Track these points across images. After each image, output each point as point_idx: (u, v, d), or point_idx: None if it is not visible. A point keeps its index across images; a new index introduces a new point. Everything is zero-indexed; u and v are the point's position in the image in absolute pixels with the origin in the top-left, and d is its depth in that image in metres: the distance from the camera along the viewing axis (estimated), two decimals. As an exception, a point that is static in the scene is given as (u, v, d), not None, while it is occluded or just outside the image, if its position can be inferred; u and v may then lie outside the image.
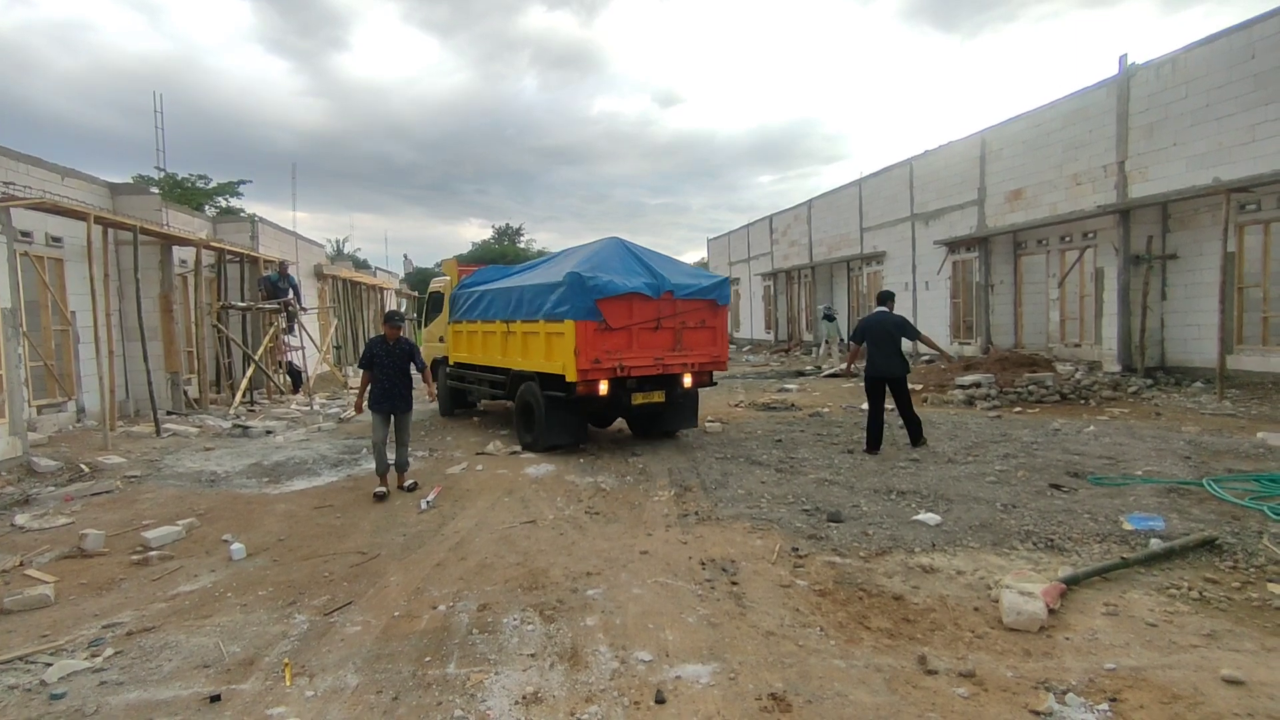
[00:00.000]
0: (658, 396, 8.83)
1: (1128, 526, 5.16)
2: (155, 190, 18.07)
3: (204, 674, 3.55)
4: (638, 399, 8.72)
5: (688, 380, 8.98)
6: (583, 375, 8.07)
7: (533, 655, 3.61)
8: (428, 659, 3.61)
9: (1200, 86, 12.49)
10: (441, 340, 12.03)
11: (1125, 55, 13.94)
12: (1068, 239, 15.91)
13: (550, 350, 8.50)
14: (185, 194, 28.52)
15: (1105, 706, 2.97)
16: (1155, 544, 4.72)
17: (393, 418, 7.16)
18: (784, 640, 3.71)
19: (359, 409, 7.36)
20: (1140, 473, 6.77)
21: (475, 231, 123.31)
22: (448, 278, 12.12)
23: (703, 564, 4.89)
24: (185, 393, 12.53)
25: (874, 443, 8.37)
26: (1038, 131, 16.31)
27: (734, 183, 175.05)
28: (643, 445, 9.29)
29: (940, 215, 20.12)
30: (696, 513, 6.13)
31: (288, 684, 3.41)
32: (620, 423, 10.64)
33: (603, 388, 8.24)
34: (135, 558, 5.43)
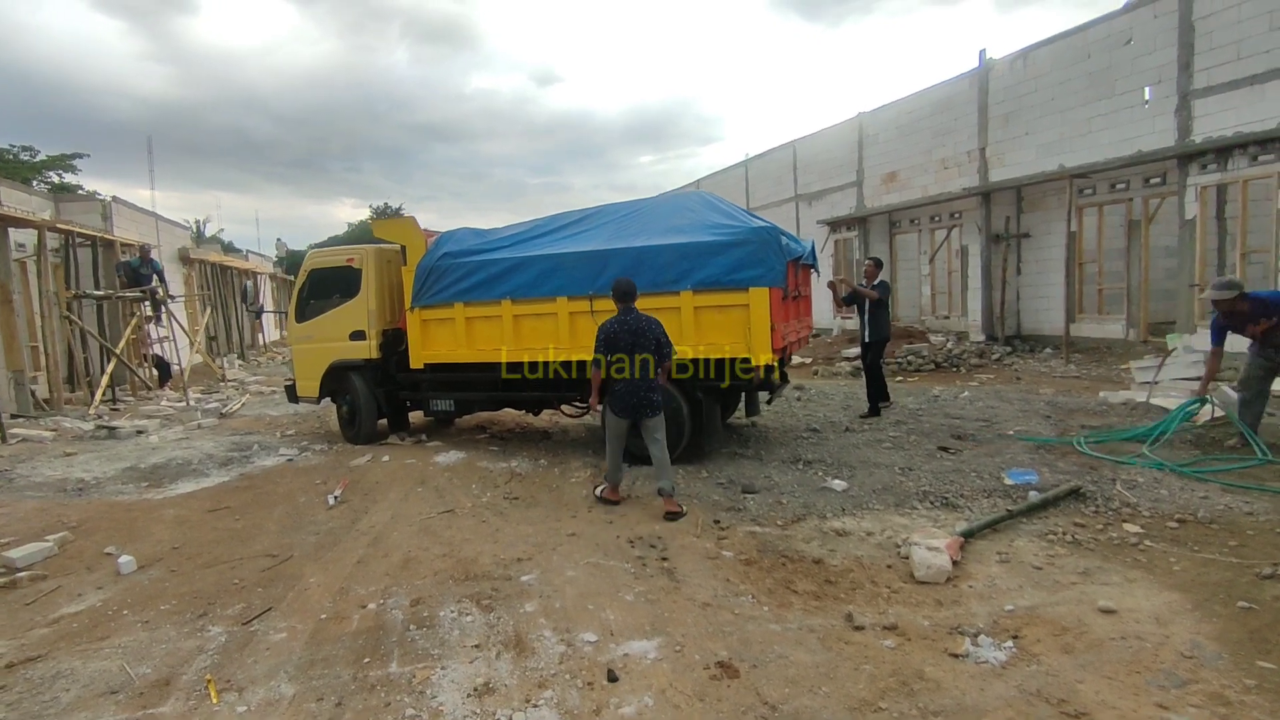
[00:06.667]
0: (776, 377, 7.74)
1: (1008, 482, 5.75)
2: (-25, 164, 15.88)
3: (112, 700, 3.27)
4: (774, 380, 7.57)
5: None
6: (776, 356, 6.66)
7: (477, 646, 3.58)
8: (367, 660, 3.50)
9: (1047, 82, 13.79)
10: (357, 337, 8.58)
11: (984, 50, 15.14)
12: (937, 219, 17.17)
13: (704, 329, 6.71)
14: (7, 167, 25.21)
15: (1010, 644, 3.34)
16: (1033, 496, 5.29)
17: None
18: (720, 610, 3.88)
19: None
20: (1013, 432, 7.52)
21: (350, 212, 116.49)
22: (388, 245, 8.58)
23: (631, 542, 4.99)
24: (33, 393, 11.18)
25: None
26: (910, 118, 17.43)
27: (615, 162, 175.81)
28: (552, 427, 9.27)
29: (822, 196, 21.14)
30: (616, 504, 6.19)
31: (214, 701, 3.20)
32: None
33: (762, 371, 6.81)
34: (-1, 580, 4.86)
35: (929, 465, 6.42)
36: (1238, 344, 6.63)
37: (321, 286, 8.99)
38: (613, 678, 3.22)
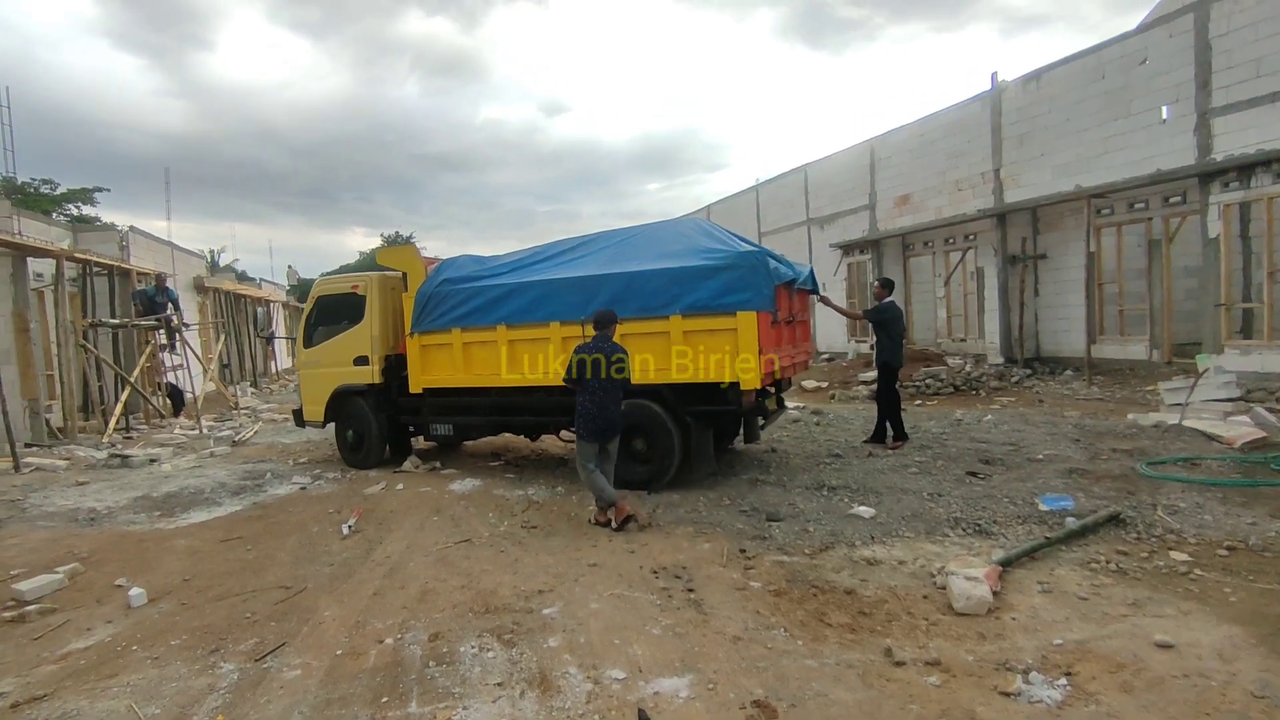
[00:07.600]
0: (772, 404, 7.74)
1: (1043, 507, 5.55)
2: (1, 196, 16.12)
3: (120, 742, 3.13)
4: (769, 405, 7.56)
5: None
6: (765, 380, 6.67)
7: (500, 684, 3.42)
8: (385, 699, 3.34)
9: (1061, 102, 13.74)
10: (361, 362, 8.72)
11: (996, 72, 15.16)
12: (951, 241, 17.06)
13: (694, 353, 6.72)
14: (28, 199, 25.62)
15: (1064, 681, 3.15)
16: (1071, 522, 5.09)
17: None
18: (752, 644, 3.71)
19: None
20: (1041, 456, 7.31)
21: (361, 241, 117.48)
22: (392, 272, 8.77)
23: (655, 572, 4.82)
24: (47, 421, 11.18)
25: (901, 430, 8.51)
26: (922, 141, 17.41)
27: (622, 190, 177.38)
28: (568, 453, 9.12)
29: (834, 219, 21.09)
30: (636, 520, 6.05)
31: (226, 743, 3.06)
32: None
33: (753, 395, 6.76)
34: (7, 614, 4.73)
35: (958, 491, 6.22)
36: (1271, 362, 6.43)
37: (328, 313, 9.18)
38: (644, 718, 3.05)
